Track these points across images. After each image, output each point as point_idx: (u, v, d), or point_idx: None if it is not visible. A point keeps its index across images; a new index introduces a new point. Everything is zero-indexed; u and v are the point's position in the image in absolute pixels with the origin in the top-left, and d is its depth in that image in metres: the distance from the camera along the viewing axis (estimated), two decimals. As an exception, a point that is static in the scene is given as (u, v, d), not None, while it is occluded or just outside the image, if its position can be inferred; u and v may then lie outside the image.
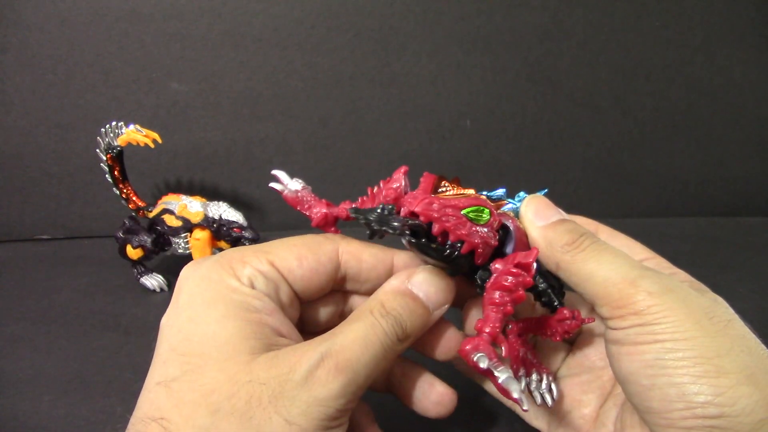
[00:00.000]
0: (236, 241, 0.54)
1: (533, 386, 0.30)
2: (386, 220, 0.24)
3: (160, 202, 0.58)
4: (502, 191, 0.31)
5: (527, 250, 0.29)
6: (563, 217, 0.30)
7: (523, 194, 0.31)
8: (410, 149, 0.73)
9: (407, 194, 0.27)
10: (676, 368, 0.23)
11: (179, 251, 0.56)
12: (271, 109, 0.69)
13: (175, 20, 0.64)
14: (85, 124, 0.66)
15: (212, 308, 0.25)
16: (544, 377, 0.31)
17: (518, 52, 0.71)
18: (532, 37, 0.70)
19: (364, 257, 0.29)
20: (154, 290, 0.57)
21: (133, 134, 0.55)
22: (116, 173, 0.59)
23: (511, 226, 0.29)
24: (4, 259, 0.66)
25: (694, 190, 0.81)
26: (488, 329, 0.26)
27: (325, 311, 0.31)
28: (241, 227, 0.54)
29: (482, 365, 0.24)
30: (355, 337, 0.25)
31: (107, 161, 0.58)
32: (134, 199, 0.60)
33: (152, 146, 0.56)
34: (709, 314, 0.24)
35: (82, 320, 0.52)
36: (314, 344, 0.24)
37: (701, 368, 0.23)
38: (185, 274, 0.27)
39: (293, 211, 0.32)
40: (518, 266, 0.27)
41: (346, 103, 0.70)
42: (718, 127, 0.78)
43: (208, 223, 0.54)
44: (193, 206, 0.55)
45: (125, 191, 0.60)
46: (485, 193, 0.31)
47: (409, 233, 0.26)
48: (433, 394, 0.30)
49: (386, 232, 0.25)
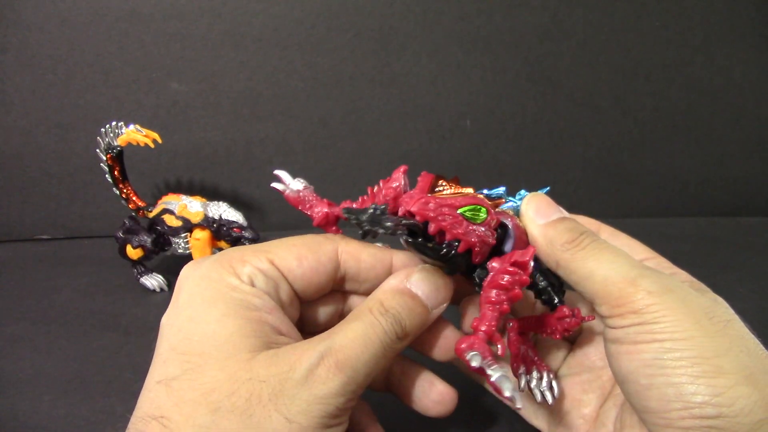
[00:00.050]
0: (236, 241, 0.54)
1: (533, 384, 0.30)
2: (378, 219, 0.24)
3: (160, 202, 0.58)
4: (502, 190, 0.31)
5: (527, 248, 0.29)
6: (564, 215, 0.30)
7: (524, 192, 0.31)
8: (410, 149, 0.73)
9: (405, 194, 0.27)
10: (674, 368, 0.23)
11: (179, 251, 0.56)
12: (271, 109, 0.69)
13: (175, 20, 0.64)
14: (85, 124, 0.66)
15: (212, 307, 0.25)
16: (544, 375, 0.31)
17: (518, 52, 0.71)
18: (532, 37, 0.70)
19: (363, 257, 0.29)
20: (154, 290, 0.57)
21: (133, 134, 0.55)
22: (116, 173, 0.59)
23: (509, 224, 0.29)
24: (4, 259, 0.65)
25: (694, 190, 0.81)
26: (484, 327, 0.26)
27: (324, 311, 0.31)
28: (241, 227, 0.54)
29: (474, 364, 0.24)
30: (354, 335, 0.25)
31: (107, 161, 0.58)
32: (134, 199, 0.60)
33: (152, 146, 0.56)
34: (708, 314, 0.24)
35: (82, 320, 0.52)
36: (314, 342, 0.25)
37: (700, 368, 0.22)
38: (185, 273, 0.27)
39: (293, 211, 0.32)
40: (515, 265, 0.27)
41: (346, 103, 0.70)
42: (718, 127, 0.78)
43: (208, 223, 0.54)
44: (193, 206, 0.55)
45: (125, 191, 0.60)
46: (485, 191, 0.31)
47: (406, 232, 0.26)
48: (433, 392, 0.30)
49: (378, 232, 0.24)
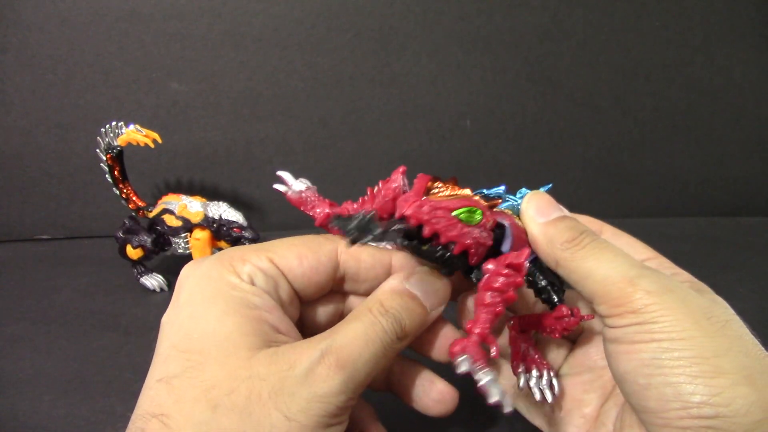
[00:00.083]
0: (236, 241, 0.54)
1: (533, 382, 0.31)
2: (366, 227, 0.23)
3: (160, 202, 0.57)
4: (501, 189, 0.32)
5: (526, 247, 0.29)
6: (564, 213, 0.30)
7: (524, 190, 0.31)
8: (410, 149, 0.73)
9: (401, 196, 0.27)
10: (672, 368, 0.23)
11: (179, 251, 0.56)
12: (271, 109, 0.69)
13: (175, 20, 0.64)
14: (85, 124, 0.66)
15: (212, 305, 0.25)
16: (544, 373, 0.31)
17: (518, 52, 0.71)
18: (532, 37, 0.70)
19: (362, 257, 0.30)
20: (154, 290, 0.57)
21: (133, 134, 0.55)
22: (116, 173, 0.59)
23: (507, 224, 0.29)
24: (4, 259, 0.66)
25: (694, 190, 0.81)
26: (478, 330, 0.26)
27: (324, 313, 0.31)
28: (241, 227, 0.54)
29: (462, 369, 0.25)
30: (355, 334, 0.25)
31: (107, 161, 0.58)
32: (134, 199, 0.60)
33: (152, 146, 0.56)
34: (707, 314, 0.24)
35: (82, 320, 0.52)
36: (314, 341, 0.25)
37: (698, 368, 0.22)
38: (186, 272, 0.27)
39: (293, 211, 0.32)
40: (509, 267, 0.27)
41: (346, 103, 0.70)
42: (718, 127, 0.78)
43: (208, 223, 0.54)
44: (193, 206, 0.55)
45: (125, 191, 0.60)
46: (484, 191, 0.31)
47: (400, 236, 0.26)
48: (433, 391, 0.30)
49: (366, 240, 0.24)
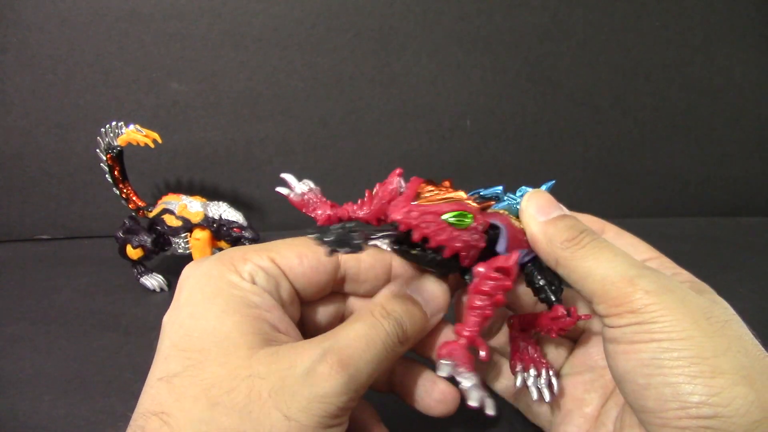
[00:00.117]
0: (236, 241, 0.54)
1: (531, 381, 0.31)
2: (345, 239, 0.23)
3: (160, 202, 0.57)
4: (499, 189, 0.32)
5: (522, 247, 0.29)
6: (564, 212, 0.30)
7: (525, 189, 0.31)
8: (410, 149, 0.73)
9: (391, 203, 0.28)
10: (671, 368, 0.23)
11: (179, 251, 0.56)
12: (271, 109, 0.69)
13: (175, 20, 0.64)
14: (85, 124, 0.66)
15: (212, 304, 0.25)
16: (543, 372, 0.31)
17: (518, 52, 0.71)
18: (532, 37, 0.70)
19: (363, 257, 0.30)
20: (154, 290, 0.57)
21: (133, 134, 0.55)
22: (116, 173, 0.59)
23: (500, 224, 0.29)
24: (4, 259, 0.65)
25: (694, 190, 0.81)
26: (467, 333, 0.27)
27: (325, 314, 0.31)
28: (241, 227, 0.54)
29: (442, 373, 0.26)
30: (357, 335, 0.25)
31: (107, 161, 0.58)
32: (134, 199, 0.60)
33: (152, 146, 0.56)
34: (706, 314, 0.24)
35: (82, 320, 0.52)
36: (316, 341, 0.25)
37: (697, 368, 0.22)
38: (187, 272, 0.28)
39: (293, 211, 0.32)
40: (499, 270, 0.27)
41: (346, 103, 0.70)
42: (718, 127, 0.78)
43: (208, 223, 0.54)
44: (193, 206, 0.55)
45: (125, 191, 0.60)
46: (481, 191, 0.31)
47: (392, 241, 0.27)
48: (435, 392, 0.30)
49: (344, 251, 0.23)
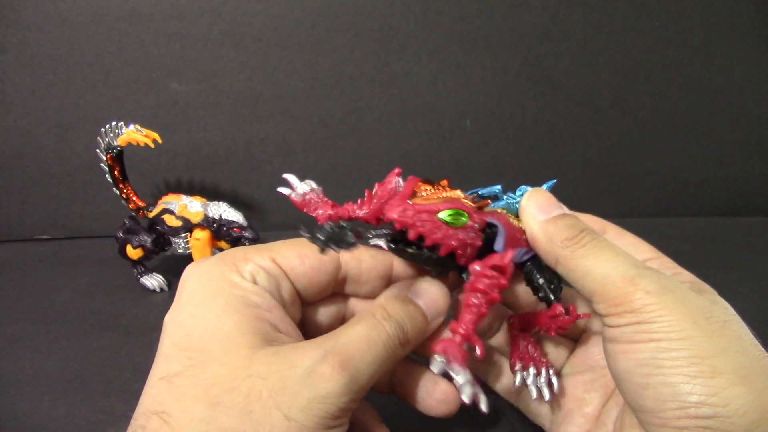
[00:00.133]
0: (236, 241, 0.54)
1: (530, 380, 0.31)
2: (338, 237, 0.23)
3: (160, 202, 0.57)
4: (497, 188, 0.32)
5: (520, 245, 0.29)
6: (565, 211, 0.30)
7: (524, 188, 0.31)
8: (410, 149, 0.73)
9: (388, 202, 0.28)
10: (670, 368, 0.23)
11: (179, 251, 0.56)
12: (271, 109, 0.69)
13: (175, 20, 0.64)
14: (85, 124, 0.66)
15: (213, 303, 0.25)
16: (543, 371, 0.31)
17: (518, 52, 0.71)
18: (532, 37, 0.70)
19: (363, 258, 0.30)
20: (154, 290, 0.57)
21: (133, 134, 0.55)
22: (116, 173, 0.59)
23: (499, 223, 0.29)
24: (4, 259, 0.65)
25: (694, 190, 0.81)
26: (462, 330, 0.27)
27: (326, 315, 0.31)
28: (241, 227, 0.54)
29: (435, 369, 0.26)
30: (358, 336, 0.25)
31: (107, 161, 0.58)
32: (134, 199, 0.60)
33: (152, 146, 0.56)
34: (706, 314, 0.24)
35: (82, 320, 0.52)
36: (317, 342, 0.25)
37: (696, 368, 0.22)
38: (188, 272, 0.28)
39: (293, 211, 0.32)
40: (494, 268, 0.28)
41: (346, 103, 0.70)
42: (718, 127, 0.78)
43: (208, 223, 0.54)
44: (193, 206, 0.55)
45: (125, 191, 0.60)
46: (479, 191, 0.31)
47: (388, 239, 0.27)
48: (437, 392, 0.30)
49: (336, 249, 0.23)
